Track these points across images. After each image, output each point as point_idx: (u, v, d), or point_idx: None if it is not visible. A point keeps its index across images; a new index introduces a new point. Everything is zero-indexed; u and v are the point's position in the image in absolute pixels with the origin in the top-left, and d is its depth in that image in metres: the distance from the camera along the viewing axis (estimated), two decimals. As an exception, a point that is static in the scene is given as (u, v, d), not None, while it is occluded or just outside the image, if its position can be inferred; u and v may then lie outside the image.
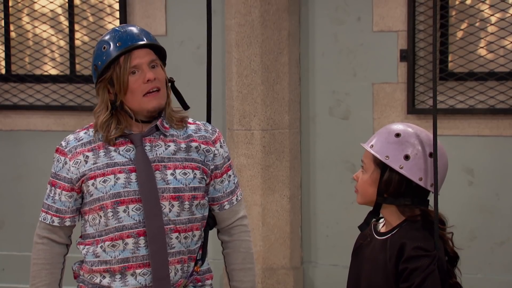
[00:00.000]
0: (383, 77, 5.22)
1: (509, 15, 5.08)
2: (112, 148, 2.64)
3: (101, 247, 2.63)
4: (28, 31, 5.92)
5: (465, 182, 5.11)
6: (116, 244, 2.61)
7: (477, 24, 5.16)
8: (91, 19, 5.78)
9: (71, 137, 2.70)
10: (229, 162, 2.79)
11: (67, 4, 5.80)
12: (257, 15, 5.13)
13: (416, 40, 5.14)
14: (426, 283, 2.42)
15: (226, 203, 2.79)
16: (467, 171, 5.10)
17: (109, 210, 2.61)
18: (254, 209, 5.21)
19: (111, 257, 2.62)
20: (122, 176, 2.61)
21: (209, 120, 2.88)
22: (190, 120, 2.77)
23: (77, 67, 5.79)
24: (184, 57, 5.46)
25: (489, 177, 5.09)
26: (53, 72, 5.86)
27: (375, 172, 2.54)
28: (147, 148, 2.64)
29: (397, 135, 2.54)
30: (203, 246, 2.75)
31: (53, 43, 5.86)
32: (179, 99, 2.78)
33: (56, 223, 2.70)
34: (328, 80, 5.30)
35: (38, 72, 5.87)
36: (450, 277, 2.54)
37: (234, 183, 2.81)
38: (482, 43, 5.17)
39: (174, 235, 2.63)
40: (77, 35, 5.79)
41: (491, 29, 5.16)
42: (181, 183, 2.64)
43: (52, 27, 5.85)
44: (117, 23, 5.62)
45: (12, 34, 5.93)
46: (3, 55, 5.93)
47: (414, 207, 2.53)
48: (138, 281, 2.61)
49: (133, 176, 2.61)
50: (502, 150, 5.07)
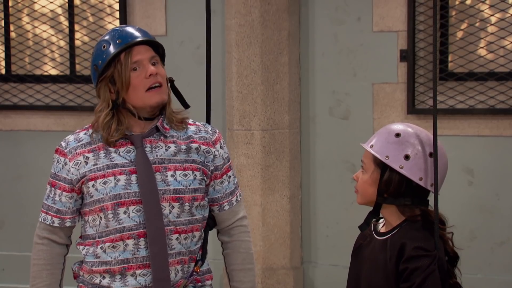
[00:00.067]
0: (383, 77, 5.22)
1: (509, 15, 5.08)
2: (112, 149, 2.64)
3: (101, 248, 2.63)
4: (28, 31, 5.92)
5: (465, 182, 5.11)
6: (117, 245, 2.61)
7: (477, 24, 5.16)
8: (91, 19, 5.78)
9: (71, 138, 2.69)
10: (229, 163, 2.79)
11: (67, 4, 5.80)
12: (257, 15, 5.12)
13: (416, 40, 5.14)
14: (427, 283, 2.42)
15: (226, 204, 2.78)
16: (467, 171, 5.10)
17: (110, 212, 2.60)
18: (254, 209, 5.21)
19: (111, 258, 2.62)
20: (123, 178, 2.61)
21: (209, 121, 2.88)
22: (190, 121, 2.76)
23: (77, 67, 5.79)
24: (184, 57, 5.45)
25: (489, 177, 5.09)
26: (53, 72, 5.86)
27: (375, 172, 2.54)
28: (148, 150, 2.64)
29: (397, 135, 2.54)
30: (203, 247, 2.75)
31: (53, 43, 5.86)
32: (179, 99, 2.78)
33: (57, 224, 2.70)
34: (328, 80, 5.30)
35: (38, 72, 5.87)
36: (450, 277, 2.54)
37: (234, 184, 2.80)
38: (482, 43, 5.17)
39: (174, 236, 2.63)
40: (77, 35, 5.79)
41: (491, 29, 5.16)
42: (182, 185, 2.64)
43: (52, 27, 5.85)
44: (117, 23, 5.62)
45: (12, 34, 5.92)
46: (3, 55, 5.92)
47: (414, 207, 2.53)
48: (138, 282, 2.61)
49: (134, 178, 2.61)
50: (502, 150, 5.07)
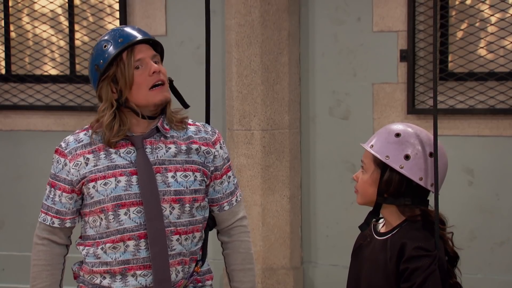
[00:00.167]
0: (383, 77, 5.21)
1: (509, 15, 5.08)
2: (113, 150, 2.63)
3: (102, 249, 2.62)
4: (28, 31, 5.92)
5: (465, 182, 5.11)
6: (117, 246, 2.60)
7: (477, 24, 5.16)
8: (91, 19, 5.78)
9: (71, 138, 2.69)
10: (229, 163, 2.78)
11: (67, 4, 5.80)
12: (257, 15, 5.12)
13: (416, 40, 5.14)
14: (427, 283, 2.42)
15: (226, 204, 2.78)
16: (467, 171, 5.10)
17: (110, 213, 2.60)
18: (254, 209, 5.21)
19: (112, 259, 2.61)
20: (123, 179, 2.60)
21: (208, 121, 2.87)
22: (190, 121, 2.76)
23: (77, 67, 5.79)
24: (184, 57, 5.45)
25: (489, 177, 5.09)
26: (53, 72, 5.86)
27: (375, 172, 2.54)
28: (148, 151, 2.63)
29: (397, 135, 2.54)
30: (203, 247, 2.75)
31: (53, 43, 5.85)
32: (179, 99, 2.78)
33: (56, 225, 2.69)
34: (328, 80, 5.30)
35: (38, 72, 5.87)
36: (450, 277, 2.54)
37: (234, 184, 2.80)
38: (482, 43, 5.17)
39: (175, 237, 2.62)
40: (77, 35, 5.79)
41: (491, 29, 5.16)
42: (182, 186, 2.64)
43: (52, 27, 5.85)
44: (117, 23, 5.62)
45: (12, 34, 5.92)
46: (3, 55, 5.92)
47: (414, 207, 2.53)
48: (139, 282, 2.61)
49: (134, 179, 2.60)
50: (502, 150, 5.07)
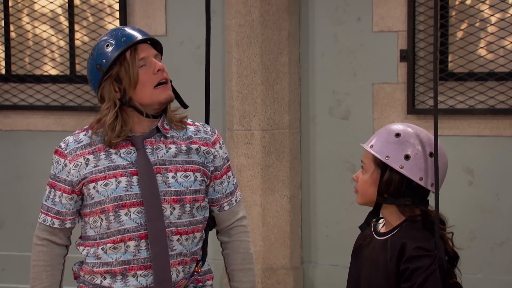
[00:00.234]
0: (383, 77, 5.21)
1: (509, 15, 5.08)
2: (113, 151, 2.63)
3: (102, 249, 2.62)
4: (28, 31, 5.92)
5: (465, 182, 5.11)
6: (118, 247, 2.60)
7: (477, 24, 5.16)
8: (91, 19, 5.78)
9: (71, 139, 2.68)
10: (228, 163, 2.78)
11: (67, 4, 5.80)
12: (257, 15, 5.12)
13: (416, 40, 5.14)
14: (428, 283, 2.42)
15: (226, 204, 2.78)
16: (467, 171, 5.10)
17: (111, 214, 2.59)
18: (254, 209, 5.21)
19: (112, 259, 2.61)
20: (124, 180, 2.60)
21: (208, 121, 2.87)
22: (189, 121, 2.76)
23: (77, 67, 5.79)
24: (184, 57, 5.45)
25: (489, 177, 5.09)
26: (53, 72, 5.86)
27: (375, 172, 2.54)
28: (148, 151, 2.63)
29: (397, 135, 2.54)
30: (203, 247, 2.75)
31: (53, 43, 5.85)
32: (178, 99, 2.78)
33: (57, 225, 2.69)
34: (328, 80, 5.30)
35: (38, 72, 5.87)
36: (450, 277, 2.54)
37: (233, 184, 2.80)
38: (482, 43, 5.17)
39: (175, 238, 2.62)
40: (77, 35, 5.79)
41: (491, 29, 5.16)
42: (183, 186, 2.63)
43: (52, 27, 5.85)
44: (117, 23, 5.62)
45: (12, 34, 5.92)
46: (3, 55, 5.92)
47: (414, 207, 2.53)
48: (140, 282, 2.61)
49: (135, 179, 2.60)
50: (502, 150, 5.07)
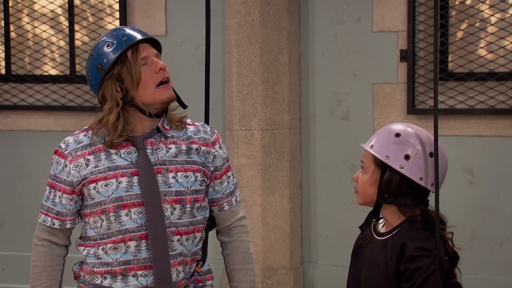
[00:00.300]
0: (383, 77, 5.21)
1: (509, 15, 5.08)
2: (113, 151, 2.62)
3: (103, 249, 2.62)
4: (28, 31, 5.92)
5: (465, 182, 5.11)
6: (118, 247, 2.60)
7: (477, 24, 5.16)
8: (91, 19, 5.78)
9: (71, 139, 2.67)
10: (228, 163, 2.78)
11: (67, 4, 5.80)
12: (257, 15, 5.12)
13: (416, 40, 5.14)
14: (428, 283, 2.42)
15: (226, 204, 2.78)
16: (467, 171, 5.10)
17: (112, 214, 2.59)
18: (254, 209, 5.21)
19: (113, 259, 2.61)
20: (124, 180, 2.60)
21: (207, 121, 2.87)
22: (189, 121, 2.75)
23: (77, 67, 5.79)
24: (184, 57, 5.45)
25: (489, 177, 5.09)
26: (53, 72, 5.86)
27: (375, 172, 2.54)
28: (149, 151, 2.62)
29: (397, 135, 2.54)
30: (204, 247, 2.75)
31: (53, 43, 5.85)
32: (177, 99, 2.77)
33: (57, 226, 2.68)
34: (328, 80, 5.30)
35: (38, 72, 5.87)
36: (450, 277, 2.54)
37: (233, 184, 2.80)
38: (482, 43, 5.17)
39: (176, 238, 2.62)
40: (77, 35, 5.79)
41: (491, 29, 5.16)
42: (183, 186, 2.63)
43: (52, 27, 5.85)
44: (117, 23, 5.62)
45: (12, 34, 5.92)
46: (3, 55, 5.92)
47: (414, 207, 2.53)
48: (140, 282, 2.61)
49: (135, 180, 2.60)
50: (502, 150, 5.07)
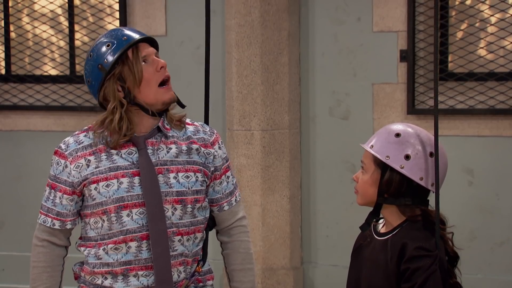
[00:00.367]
0: (383, 78, 5.21)
1: (509, 16, 5.08)
2: (114, 151, 2.62)
3: (104, 250, 2.61)
4: (28, 31, 5.92)
5: (465, 182, 5.11)
6: (119, 247, 2.60)
7: (477, 25, 5.16)
8: (91, 19, 5.78)
9: (71, 140, 2.67)
10: (227, 163, 2.78)
11: (67, 4, 5.80)
12: (257, 16, 5.12)
13: (416, 41, 5.14)
14: (428, 283, 2.42)
15: (225, 204, 2.78)
16: (467, 171, 5.10)
17: (113, 215, 2.59)
18: (254, 209, 5.21)
19: (114, 260, 2.61)
20: (125, 181, 2.59)
21: (207, 121, 2.87)
22: (188, 121, 2.75)
23: (77, 68, 5.79)
24: (184, 58, 5.45)
25: (489, 177, 5.09)
26: (53, 73, 5.86)
27: (376, 173, 2.54)
28: (149, 151, 2.62)
29: (397, 135, 2.54)
30: (204, 247, 2.75)
31: (53, 44, 5.86)
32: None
33: (57, 226, 2.68)
34: (328, 80, 5.30)
35: (38, 73, 5.87)
36: (451, 277, 2.54)
37: (233, 184, 2.80)
38: (482, 44, 5.17)
39: (177, 238, 2.62)
40: (77, 35, 5.79)
41: (491, 30, 5.16)
42: (184, 187, 2.63)
43: (52, 27, 5.85)
44: (117, 23, 5.63)
45: (12, 34, 5.92)
46: (3, 55, 5.92)
47: (415, 207, 2.53)
48: (141, 282, 2.61)
49: (136, 180, 2.60)
50: (502, 150, 5.07)
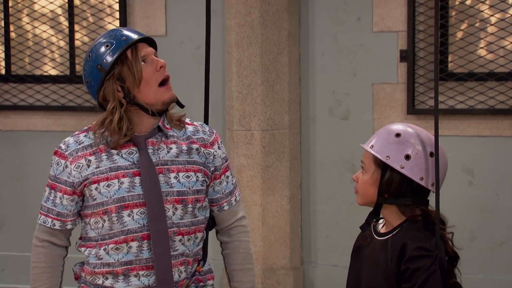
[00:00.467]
0: (383, 78, 5.21)
1: (509, 16, 5.08)
2: (114, 151, 2.62)
3: (105, 250, 2.61)
4: (28, 31, 5.92)
5: (465, 182, 5.11)
6: (120, 247, 2.60)
7: (477, 25, 5.16)
8: (91, 20, 5.78)
9: (71, 140, 2.66)
10: (227, 163, 2.78)
11: (67, 4, 5.80)
12: (257, 16, 5.12)
13: (416, 41, 5.14)
14: (428, 283, 2.42)
15: (225, 204, 2.78)
16: (467, 172, 5.10)
17: (114, 215, 2.59)
18: (254, 210, 5.21)
19: (114, 260, 2.61)
20: (126, 181, 2.59)
21: (207, 121, 2.87)
22: (188, 120, 2.75)
23: (77, 68, 5.79)
24: (184, 58, 5.45)
25: (489, 177, 5.09)
26: (53, 73, 5.86)
27: (376, 173, 2.54)
28: (150, 151, 2.62)
29: (398, 135, 2.54)
30: (204, 246, 2.75)
31: (53, 44, 5.85)
32: None
33: (58, 227, 2.67)
34: (328, 80, 5.30)
35: (38, 73, 5.87)
36: (451, 277, 2.54)
37: (233, 184, 2.80)
38: (482, 44, 5.17)
39: (178, 238, 2.62)
40: (77, 36, 5.79)
41: (491, 30, 5.16)
42: (185, 186, 2.63)
43: (52, 28, 5.85)
44: (117, 23, 5.63)
45: (12, 34, 5.92)
46: (3, 56, 5.92)
47: (415, 207, 2.53)
48: (142, 282, 2.61)
49: (137, 180, 2.59)
50: (502, 150, 5.07)
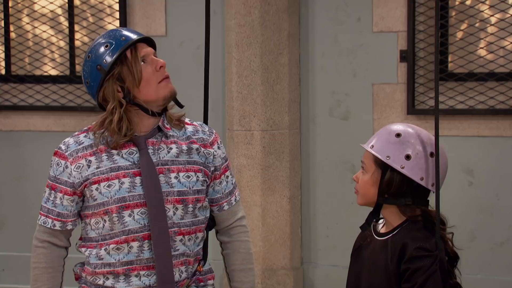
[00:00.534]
0: (383, 78, 5.21)
1: (509, 16, 5.08)
2: (115, 152, 2.61)
3: (105, 250, 2.61)
4: (28, 32, 5.92)
5: (465, 183, 5.11)
6: (121, 247, 2.60)
7: (477, 25, 5.16)
8: (91, 20, 5.78)
9: (71, 141, 2.66)
10: (227, 163, 2.78)
11: (67, 5, 5.80)
12: (257, 16, 5.12)
13: (416, 41, 5.14)
14: (428, 283, 2.42)
15: (225, 204, 2.78)
16: (467, 172, 5.10)
17: (114, 215, 2.58)
18: (254, 210, 5.21)
19: (115, 260, 2.61)
20: (127, 181, 2.59)
21: (206, 121, 2.87)
22: (187, 120, 2.76)
23: (77, 68, 5.79)
24: (184, 58, 5.45)
25: (489, 178, 5.09)
26: (53, 73, 5.86)
27: (376, 173, 2.54)
28: (150, 151, 2.62)
29: (398, 135, 2.54)
30: (204, 246, 2.75)
31: (53, 44, 5.85)
32: (174, 98, 2.77)
33: (58, 227, 2.67)
34: (328, 81, 5.30)
35: (38, 73, 5.86)
36: (451, 277, 2.54)
37: (232, 184, 2.80)
38: (482, 44, 5.17)
39: (178, 238, 2.62)
40: (77, 36, 5.79)
41: (491, 30, 5.16)
42: (185, 186, 2.63)
43: (52, 28, 5.85)
44: (117, 24, 5.62)
45: (12, 35, 5.92)
46: (3, 56, 5.92)
47: (415, 207, 2.53)
48: (143, 282, 2.61)
49: (138, 180, 2.59)
50: (502, 151, 5.07)
